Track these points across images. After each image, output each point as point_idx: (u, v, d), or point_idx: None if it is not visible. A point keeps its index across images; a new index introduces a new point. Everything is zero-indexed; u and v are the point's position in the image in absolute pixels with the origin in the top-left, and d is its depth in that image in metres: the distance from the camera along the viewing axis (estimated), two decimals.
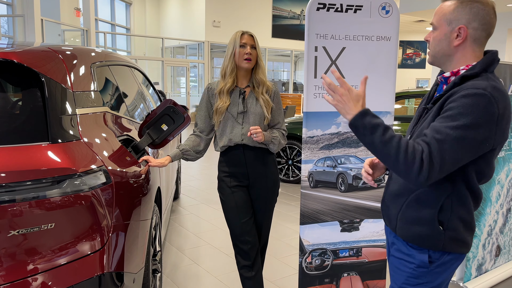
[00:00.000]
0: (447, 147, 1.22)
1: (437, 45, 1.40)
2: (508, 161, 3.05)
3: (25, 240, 1.45)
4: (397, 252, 1.50)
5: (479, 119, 1.22)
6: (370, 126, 1.28)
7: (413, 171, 1.23)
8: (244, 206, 2.30)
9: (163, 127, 2.09)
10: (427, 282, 1.43)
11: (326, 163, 2.46)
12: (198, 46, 15.60)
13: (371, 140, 1.28)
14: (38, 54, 1.76)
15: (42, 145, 1.54)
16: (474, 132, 1.23)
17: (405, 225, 1.44)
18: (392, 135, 1.27)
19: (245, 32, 2.22)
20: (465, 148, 1.24)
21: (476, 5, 1.31)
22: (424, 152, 1.23)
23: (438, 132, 1.24)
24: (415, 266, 1.43)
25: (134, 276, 1.79)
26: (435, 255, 1.41)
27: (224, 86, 2.22)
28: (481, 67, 1.33)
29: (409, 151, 1.24)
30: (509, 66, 2.94)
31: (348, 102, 1.32)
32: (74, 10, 11.97)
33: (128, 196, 1.79)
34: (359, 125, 1.30)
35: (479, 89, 1.24)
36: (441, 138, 1.23)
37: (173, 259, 3.35)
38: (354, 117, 1.30)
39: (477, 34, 1.34)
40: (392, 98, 2.45)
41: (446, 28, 1.36)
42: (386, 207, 1.55)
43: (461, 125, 1.22)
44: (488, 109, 1.23)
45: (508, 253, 3.23)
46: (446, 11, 1.36)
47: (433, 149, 1.23)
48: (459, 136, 1.22)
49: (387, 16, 2.35)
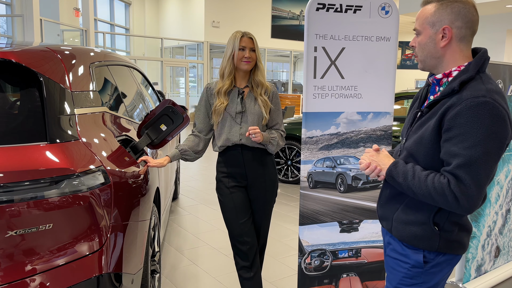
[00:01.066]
0: (475, 168, 1.22)
1: (423, 49, 1.40)
2: (508, 162, 3.05)
3: (23, 241, 1.44)
4: (393, 252, 1.50)
5: (492, 127, 1.22)
6: (402, 173, 1.36)
7: (454, 204, 1.25)
8: (242, 207, 2.29)
9: (162, 127, 2.08)
10: (422, 282, 1.42)
11: (325, 164, 2.46)
12: (197, 47, 15.59)
13: (407, 186, 1.35)
14: (36, 54, 1.76)
15: (40, 145, 1.53)
16: (493, 141, 1.23)
17: (400, 226, 1.44)
18: (419, 176, 1.31)
19: (245, 34, 2.20)
20: (493, 159, 1.25)
21: (457, 4, 1.32)
22: (451, 183, 1.24)
23: (458, 156, 1.24)
24: (410, 266, 1.43)
25: (133, 276, 1.78)
26: (430, 255, 1.40)
27: (222, 87, 2.22)
28: (475, 69, 1.32)
29: (437, 187, 1.27)
30: (509, 67, 2.94)
31: (382, 158, 1.45)
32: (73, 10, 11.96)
33: (127, 197, 1.78)
34: (393, 174, 1.38)
35: (479, 97, 1.24)
36: (466, 162, 1.23)
37: (172, 259, 3.34)
38: (389, 168, 1.40)
39: (461, 33, 1.34)
40: (392, 98, 2.45)
41: (430, 31, 1.37)
42: (382, 208, 1.55)
43: (479, 141, 1.22)
44: (496, 114, 1.22)
45: (508, 254, 3.23)
46: (427, 14, 1.37)
47: (461, 176, 1.23)
48: (483, 152, 1.22)
49: (387, 16, 2.35)
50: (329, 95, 2.37)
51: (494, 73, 2.81)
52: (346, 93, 2.40)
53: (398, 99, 5.54)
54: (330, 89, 2.37)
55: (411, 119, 1.49)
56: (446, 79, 1.39)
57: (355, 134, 2.46)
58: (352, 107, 2.42)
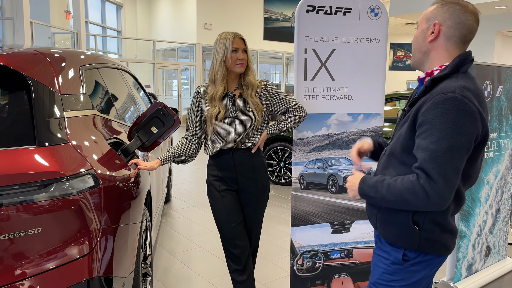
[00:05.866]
0: (441, 161, 1.23)
1: (415, 43, 1.46)
2: (497, 161, 3.08)
3: (12, 245, 1.43)
4: (378, 249, 1.53)
5: (458, 122, 1.23)
6: (372, 186, 1.37)
7: (425, 200, 1.25)
8: (234, 211, 2.28)
9: (153, 129, 2.07)
10: (401, 279, 1.43)
11: (316, 165, 2.46)
12: (189, 49, 15.57)
13: (381, 197, 1.35)
14: (25, 57, 1.74)
15: (29, 149, 1.52)
16: (459, 136, 1.23)
17: (383, 225, 1.46)
18: (389, 183, 1.32)
19: (236, 35, 2.14)
20: (459, 154, 1.25)
21: (454, 5, 1.36)
22: (421, 178, 1.25)
23: (425, 150, 1.26)
24: (390, 263, 1.44)
25: (124, 280, 1.77)
26: (411, 254, 1.41)
27: (215, 93, 2.15)
28: (451, 68, 1.35)
29: (407, 186, 1.27)
30: (497, 68, 2.97)
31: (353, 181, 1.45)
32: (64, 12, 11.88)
33: (117, 200, 1.77)
34: (365, 191, 1.40)
35: (447, 93, 1.26)
36: (432, 156, 1.24)
37: (164, 262, 3.32)
38: (359, 188, 1.41)
39: (450, 32, 1.36)
40: (382, 100, 2.47)
41: (424, 25, 1.42)
42: (368, 207, 1.57)
43: (444, 135, 1.23)
44: (463, 109, 1.24)
45: (498, 253, 3.26)
46: (428, 11, 1.43)
47: (429, 171, 1.24)
48: (448, 146, 1.23)
49: (376, 18, 2.37)
50: (320, 96, 2.39)
51: (482, 74, 2.84)
52: (337, 95, 2.41)
53: (390, 100, 5.57)
54: (320, 90, 2.38)
55: (398, 119, 1.52)
56: (429, 78, 1.41)
57: (346, 135, 2.47)
58: (343, 108, 2.43)
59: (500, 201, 3.18)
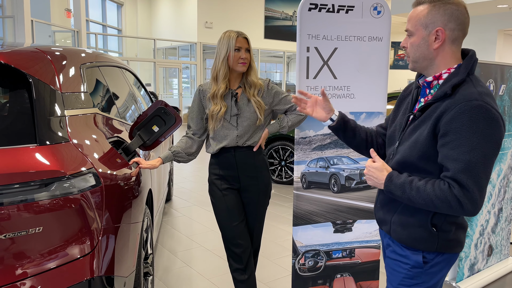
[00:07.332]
0: (475, 172, 1.23)
1: (416, 51, 1.39)
2: (499, 161, 3.07)
3: (13, 244, 1.42)
4: (392, 253, 1.50)
5: (487, 130, 1.23)
6: (399, 186, 1.35)
7: (457, 208, 1.26)
8: (235, 209, 2.27)
9: (154, 128, 2.06)
10: (422, 282, 1.43)
11: (318, 164, 2.45)
12: (190, 47, 15.55)
13: (408, 198, 1.34)
14: (26, 55, 1.73)
15: (30, 147, 1.51)
16: (489, 143, 1.24)
17: (399, 228, 1.45)
18: (418, 186, 1.31)
19: (240, 34, 2.14)
20: (491, 161, 1.26)
21: (449, 6, 1.32)
22: (454, 189, 1.25)
23: (457, 161, 1.25)
24: (410, 267, 1.44)
25: (125, 279, 1.76)
26: (429, 255, 1.41)
27: (217, 91, 2.16)
28: (465, 72, 1.33)
29: (439, 194, 1.27)
30: (500, 67, 2.96)
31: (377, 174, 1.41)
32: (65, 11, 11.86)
33: (118, 199, 1.76)
34: (391, 189, 1.37)
35: (472, 100, 1.24)
36: (466, 167, 1.23)
37: (165, 261, 3.32)
38: (385, 185, 1.39)
39: (454, 35, 1.34)
40: (384, 98, 2.45)
41: (423, 32, 1.36)
42: (380, 211, 1.55)
43: (476, 144, 1.23)
44: (490, 116, 1.23)
45: (500, 252, 3.25)
46: (420, 15, 1.36)
47: (463, 181, 1.24)
48: (481, 156, 1.23)
49: (379, 16, 2.35)
50: None
51: (485, 73, 2.83)
52: (339, 93, 2.40)
53: (391, 99, 5.55)
54: None
55: (404, 123, 1.49)
56: (436, 81, 1.39)
57: None
58: (345, 107, 2.41)
59: (503, 201, 3.17)
